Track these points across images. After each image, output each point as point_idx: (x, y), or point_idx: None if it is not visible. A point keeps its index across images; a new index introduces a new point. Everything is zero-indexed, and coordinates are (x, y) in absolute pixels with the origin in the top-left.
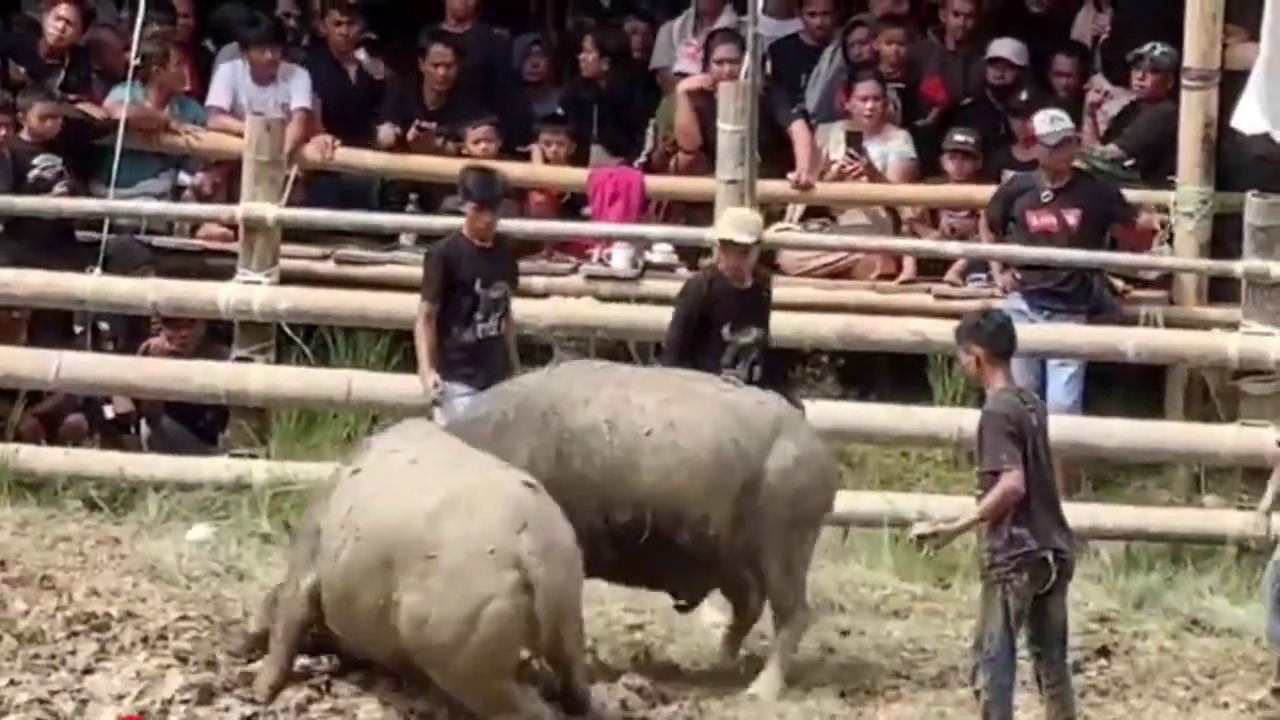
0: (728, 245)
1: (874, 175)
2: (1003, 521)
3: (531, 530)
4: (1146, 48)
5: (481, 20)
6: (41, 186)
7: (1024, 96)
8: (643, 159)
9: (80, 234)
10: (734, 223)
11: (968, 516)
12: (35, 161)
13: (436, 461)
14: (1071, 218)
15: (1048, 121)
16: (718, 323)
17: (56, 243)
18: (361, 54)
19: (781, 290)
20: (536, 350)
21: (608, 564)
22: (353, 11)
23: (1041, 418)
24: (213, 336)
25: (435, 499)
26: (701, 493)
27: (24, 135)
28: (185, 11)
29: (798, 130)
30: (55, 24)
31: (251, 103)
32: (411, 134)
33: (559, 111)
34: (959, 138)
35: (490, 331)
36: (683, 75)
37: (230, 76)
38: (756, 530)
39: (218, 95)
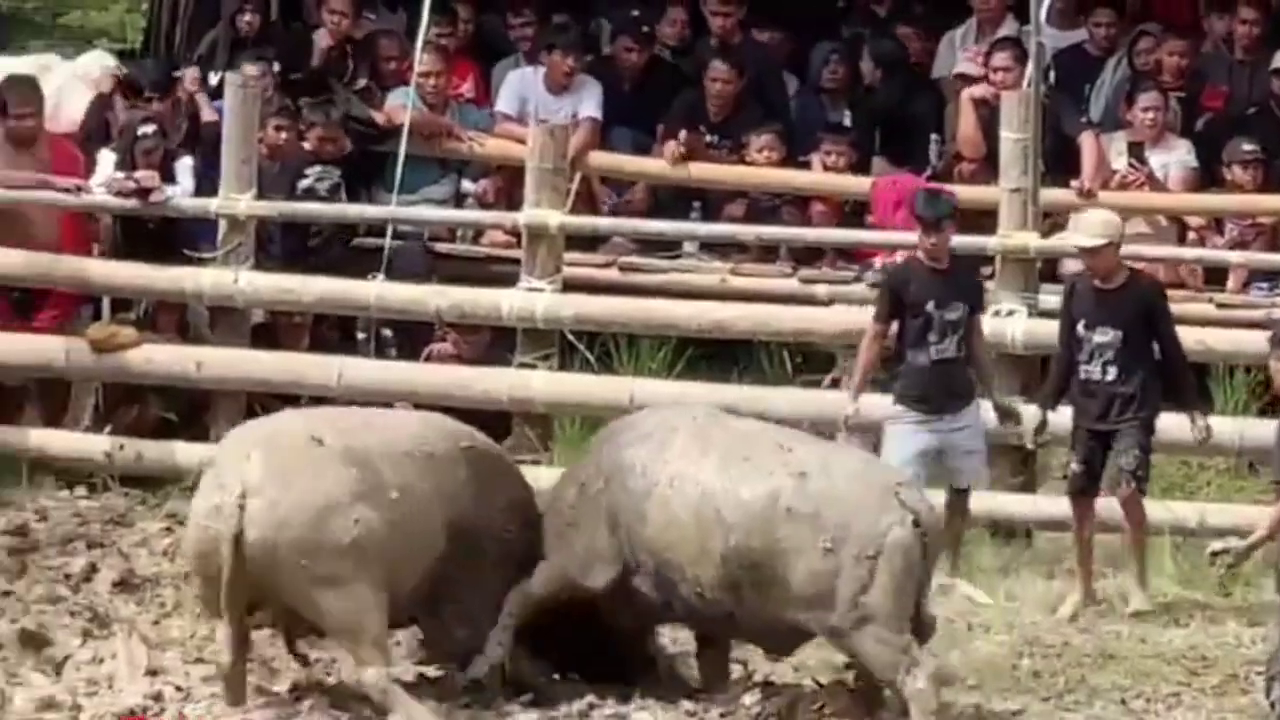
0: (1080, 250)
1: (1155, 185)
2: None
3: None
4: None
5: (771, 26)
6: (313, 197)
7: None
8: (929, 171)
9: (361, 240)
10: (1082, 226)
11: (1260, 531)
12: (308, 172)
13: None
14: None
15: None
16: (1075, 320)
17: (335, 249)
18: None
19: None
20: (820, 357)
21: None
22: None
23: None
24: (496, 343)
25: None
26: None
27: (306, 145)
28: (467, 18)
29: (1087, 140)
30: (331, 19)
31: (541, 110)
32: (684, 137)
33: (841, 121)
34: (1247, 146)
35: (946, 353)
36: (964, 76)
37: (519, 84)
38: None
39: (506, 102)
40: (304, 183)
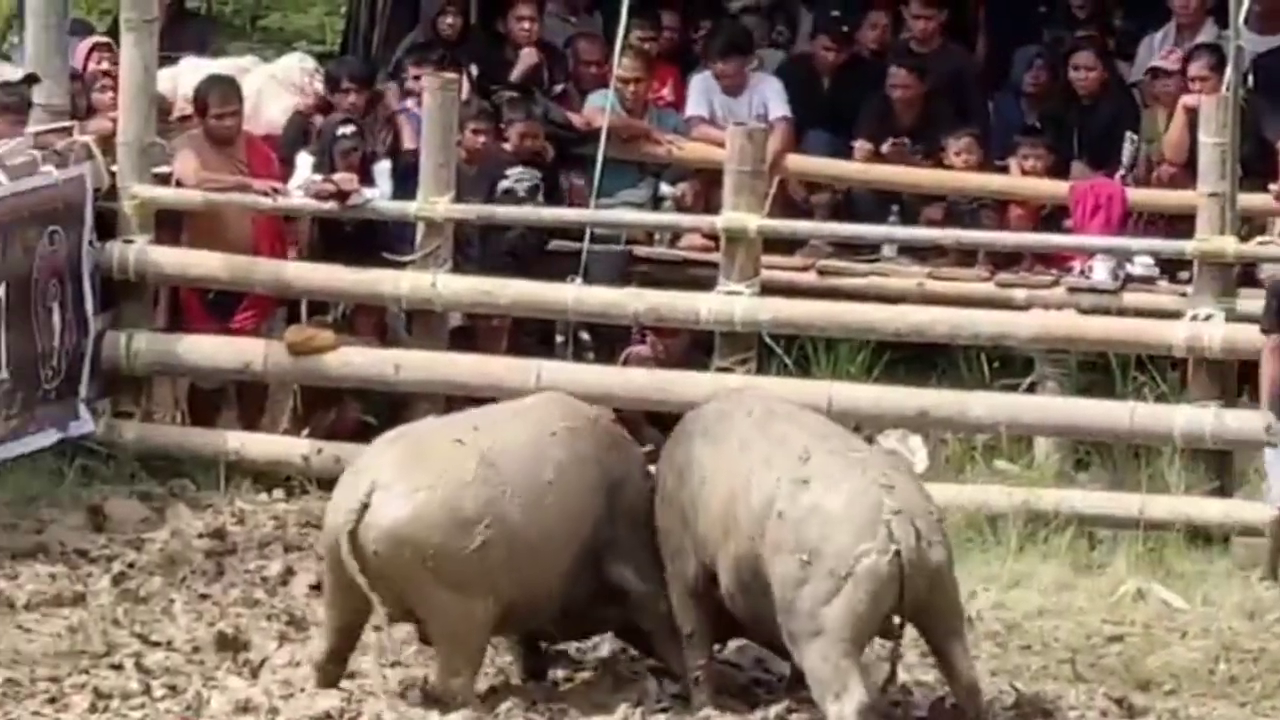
0: None
1: None
2: None
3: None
4: None
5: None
6: (512, 199)
7: None
8: (1122, 172)
9: (557, 243)
10: None
11: None
12: (508, 173)
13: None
14: None
15: None
16: None
17: (532, 252)
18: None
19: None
20: (1017, 362)
21: None
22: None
23: None
24: (694, 347)
25: None
26: None
27: (505, 146)
28: (671, 24)
29: None
30: (520, 25)
31: (725, 113)
32: (886, 148)
33: (1036, 124)
34: None
35: None
36: (1157, 71)
37: (704, 87)
38: None
39: (696, 105)
40: (503, 184)
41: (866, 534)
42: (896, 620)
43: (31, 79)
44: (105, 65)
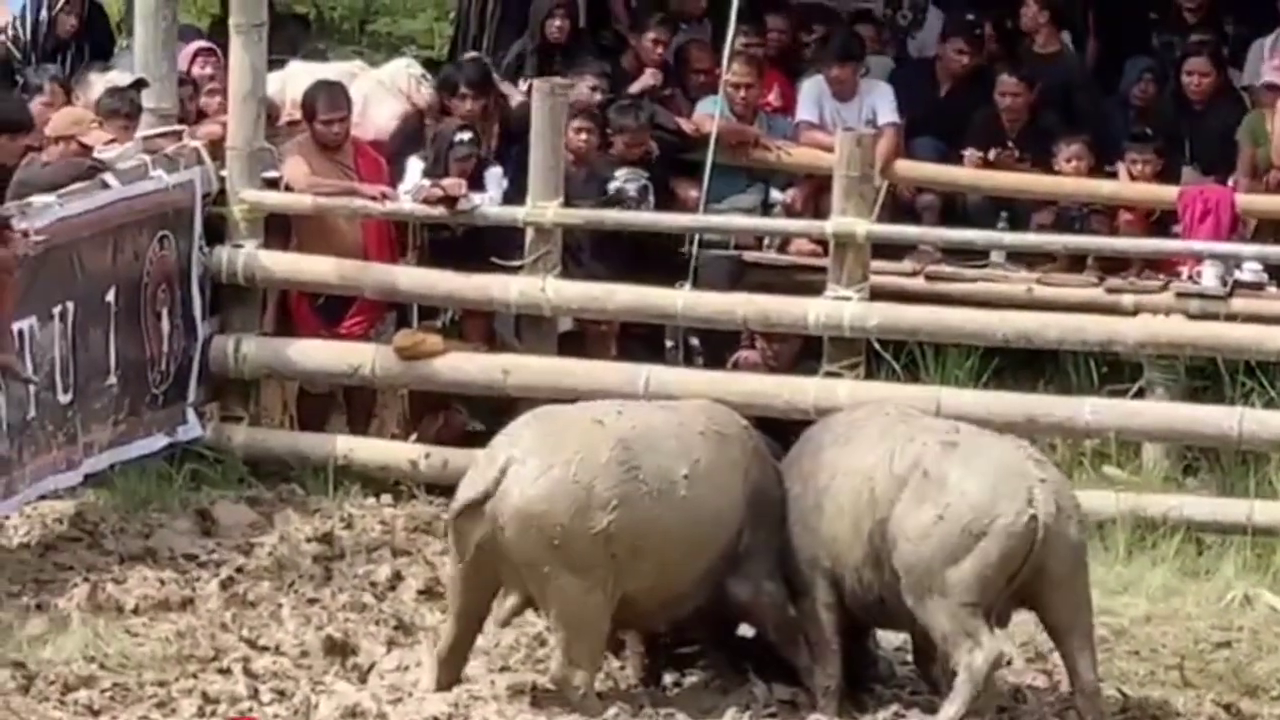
0: None
1: None
2: None
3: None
4: None
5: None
6: (620, 201)
7: None
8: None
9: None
10: None
11: None
12: (617, 174)
13: None
14: None
15: None
16: None
17: (641, 257)
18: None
19: None
20: (1126, 367)
21: None
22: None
23: None
24: (804, 352)
25: None
26: None
27: (612, 150)
28: (779, 28)
29: None
30: (652, 45)
31: (835, 118)
32: (993, 155)
33: (1146, 130)
34: None
35: None
36: (1272, 87)
37: (814, 91)
38: None
39: (806, 110)
40: (613, 184)
41: (1007, 495)
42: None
43: (140, 84)
44: (210, 70)
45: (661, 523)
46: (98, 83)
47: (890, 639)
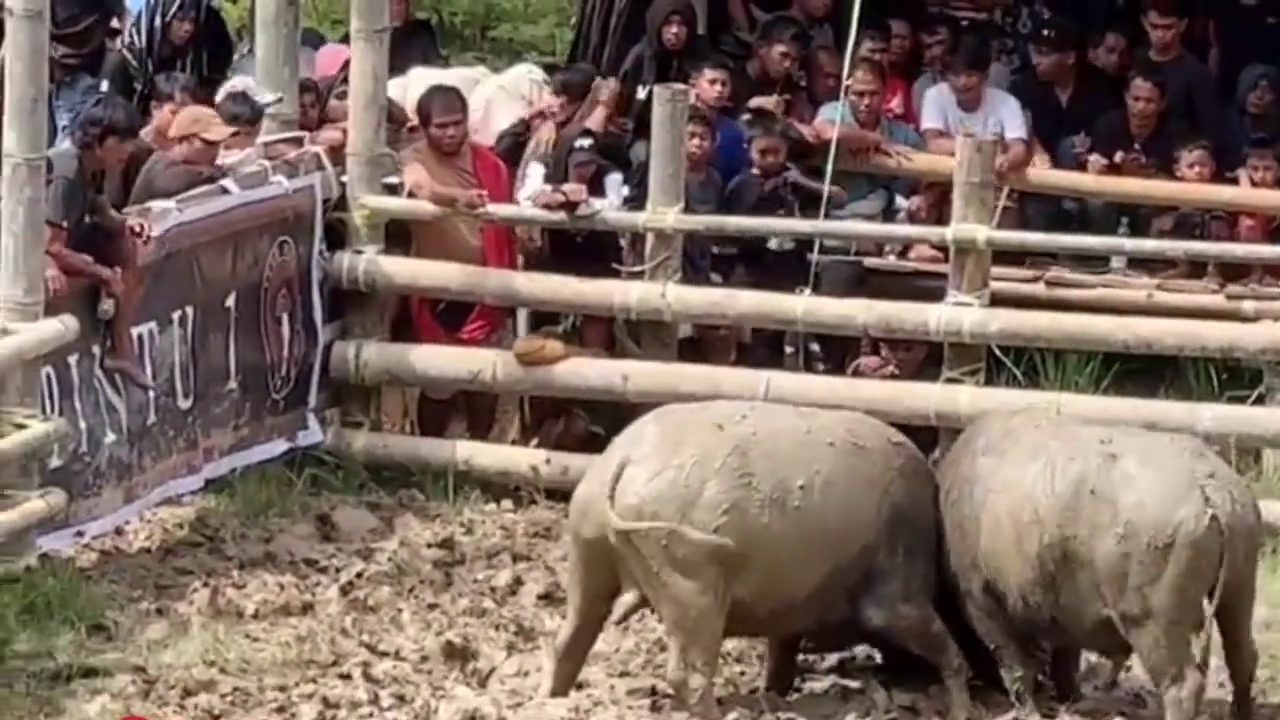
0: None
1: None
2: None
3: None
4: None
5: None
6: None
7: None
8: None
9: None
10: None
11: None
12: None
13: None
14: None
15: None
16: None
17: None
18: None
19: None
20: (1246, 374)
21: None
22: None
23: None
24: (926, 359)
25: None
26: None
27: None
28: (902, 33)
29: None
30: (780, 60)
31: (959, 127)
32: (1119, 157)
33: (1265, 136)
34: None
35: None
36: None
37: (939, 99)
38: None
39: (931, 117)
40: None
41: (1182, 500)
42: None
43: (279, 102)
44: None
45: (771, 530)
46: (225, 88)
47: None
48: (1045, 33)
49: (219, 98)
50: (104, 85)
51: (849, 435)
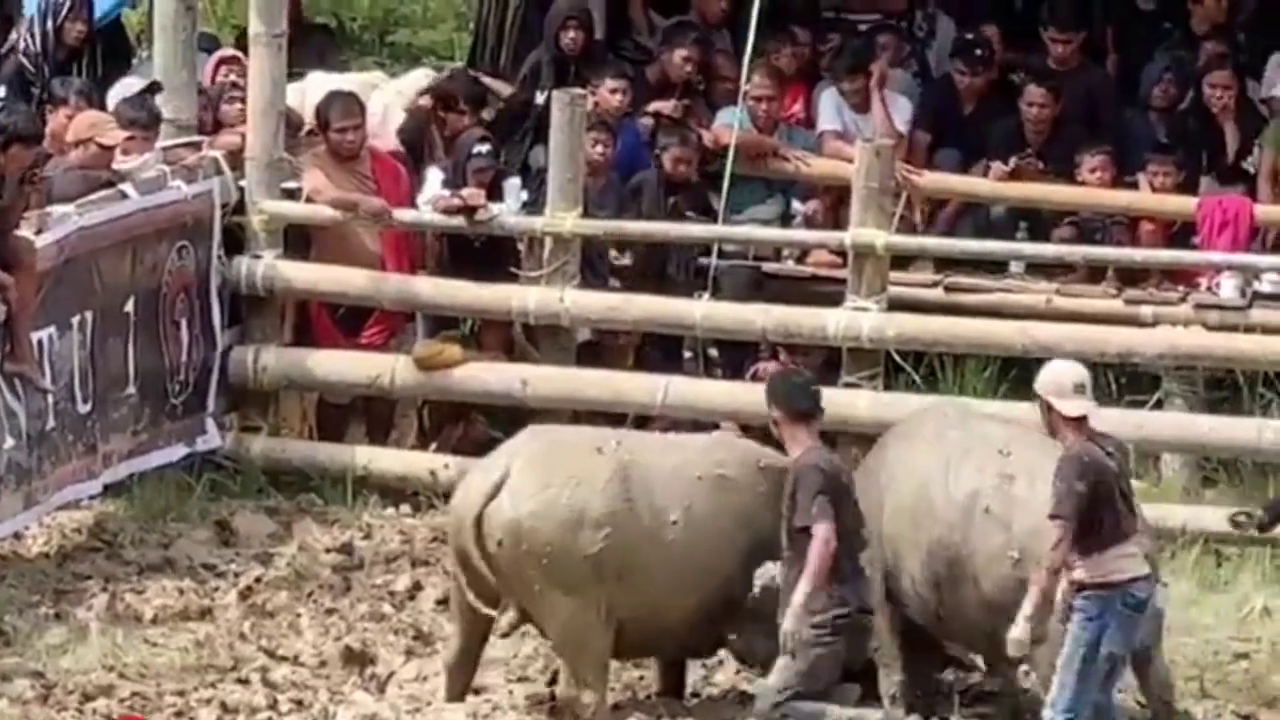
0: None
1: None
2: (826, 581)
3: None
4: None
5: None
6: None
7: None
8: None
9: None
10: None
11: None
12: None
13: None
14: None
15: None
16: None
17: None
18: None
19: None
20: (1144, 379)
21: None
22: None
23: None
24: (825, 363)
25: None
26: None
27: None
28: (802, 40)
29: None
30: (682, 64)
31: (855, 129)
32: (1012, 164)
33: (1165, 141)
34: None
35: None
36: None
37: (834, 102)
38: None
39: (828, 119)
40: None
41: None
42: None
43: (154, 87)
44: (234, 78)
45: (648, 560)
46: (114, 91)
47: None
48: (978, 52)
49: (112, 102)
50: (1, 91)
51: (716, 467)
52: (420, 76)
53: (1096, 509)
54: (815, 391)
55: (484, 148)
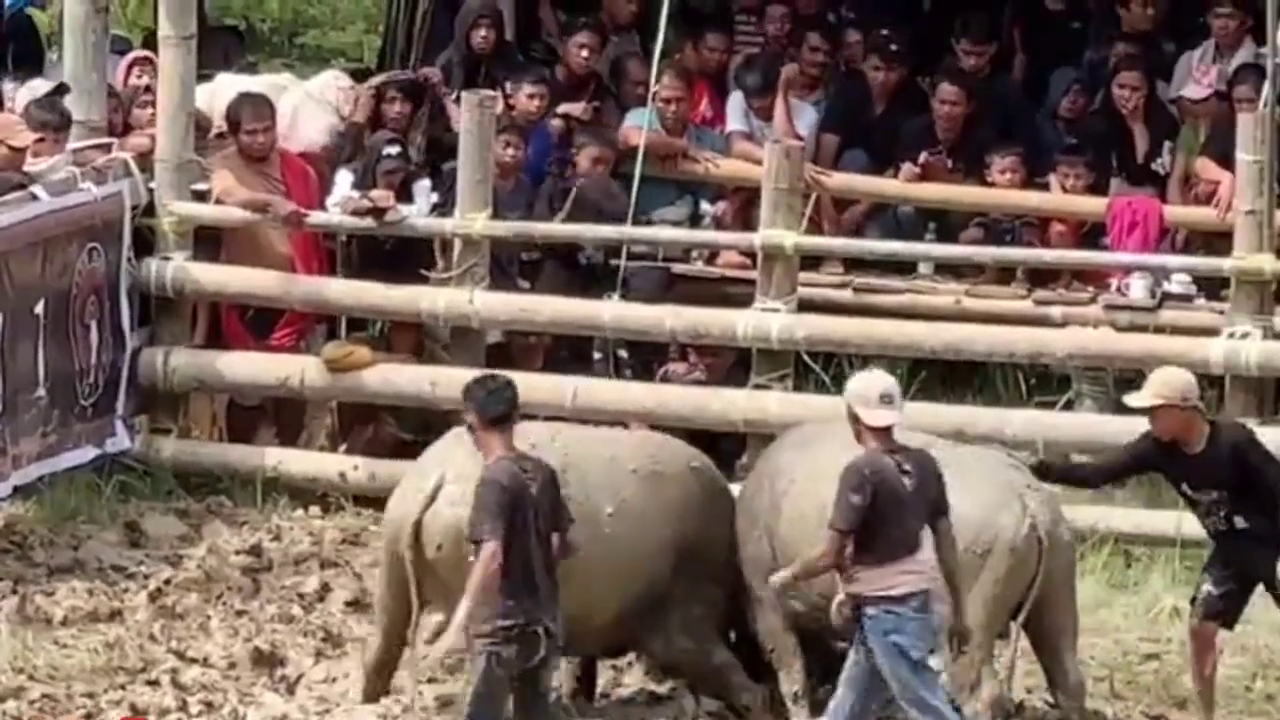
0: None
1: None
2: (493, 592)
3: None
4: None
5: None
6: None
7: None
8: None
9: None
10: (1155, 385)
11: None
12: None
13: None
14: None
15: None
16: (1175, 480)
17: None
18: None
19: None
20: (1054, 380)
21: None
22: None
23: (544, 487)
24: (734, 365)
25: None
26: None
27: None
28: (714, 45)
29: None
30: (578, 52)
31: (761, 134)
32: (922, 159)
33: (1075, 142)
34: None
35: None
36: (1194, 101)
37: (742, 104)
38: None
39: (736, 120)
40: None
41: (1002, 508)
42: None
43: (62, 89)
44: (145, 80)
45: (587, 553)
46: (22, 93)
47: None
48: (893, 48)
49: (20, 104)
50: None
51: (651, 462)
52: (330, 79)
53: (876, 522)
54: (511, 397)
55: (393, 149)
